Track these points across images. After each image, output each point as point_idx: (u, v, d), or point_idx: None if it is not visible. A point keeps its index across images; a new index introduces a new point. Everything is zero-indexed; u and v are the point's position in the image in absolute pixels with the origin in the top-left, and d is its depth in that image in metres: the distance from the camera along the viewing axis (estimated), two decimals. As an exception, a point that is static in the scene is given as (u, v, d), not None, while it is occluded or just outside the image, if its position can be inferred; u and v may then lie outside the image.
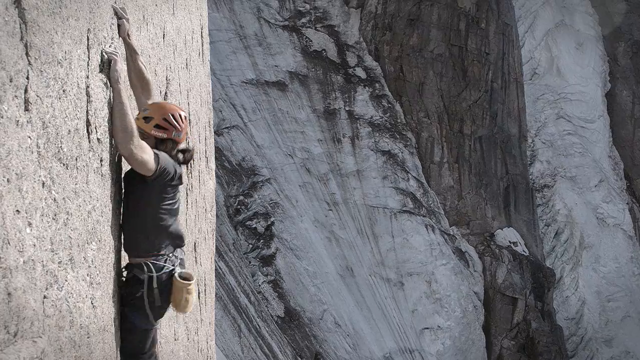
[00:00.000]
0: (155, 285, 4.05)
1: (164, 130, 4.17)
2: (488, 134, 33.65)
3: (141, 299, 3.99)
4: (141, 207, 4.03)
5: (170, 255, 4.19)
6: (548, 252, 36.62)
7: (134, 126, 3.75)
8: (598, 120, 42.16)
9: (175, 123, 4.22)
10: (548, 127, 40.32)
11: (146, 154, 3.85)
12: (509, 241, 31.90)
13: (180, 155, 4.34)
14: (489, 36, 34.67)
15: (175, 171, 4.17)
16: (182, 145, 4.39)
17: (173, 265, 4.19)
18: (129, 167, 4.02)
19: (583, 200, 38.44)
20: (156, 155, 3.97)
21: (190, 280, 4.23)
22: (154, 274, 4.05)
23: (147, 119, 4.16)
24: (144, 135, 4.04)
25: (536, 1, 44.00)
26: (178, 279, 4.19)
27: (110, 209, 3.65)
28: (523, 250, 32.08)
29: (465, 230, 31.32)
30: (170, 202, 4.16)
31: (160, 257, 4.11)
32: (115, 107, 3.72)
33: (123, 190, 4.05)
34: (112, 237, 3.65)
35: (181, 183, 4.31)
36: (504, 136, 34.52)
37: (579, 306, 35.80)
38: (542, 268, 32.18)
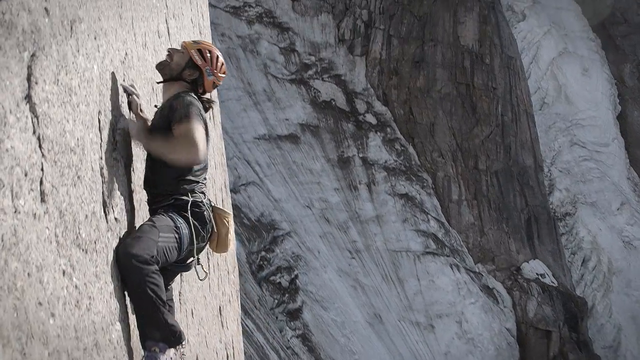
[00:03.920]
0: (201, 207, 4.07)
1: (200, 61, 4.26)
2: (504, 168, 33.54)
3: (187, 218, 3.96)
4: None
5: (205, 190, 4.25)
6: (577, 280, 36.04)
7: (173, 144, 3.85)
8: (612, 143, 41.96)
9: (209, 58, 4.28)
10: (563, 155, 40.14)
11: (196, 141, 3.86)
12: (536, 273, 31.46)
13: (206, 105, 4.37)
14: (494, 71, 34.87)
15: (202, 112, 4.18)
16: (208, 95, 4.43)
17: (209, 199, 4.26)
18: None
19: (607, 225, 37.98)
20: (196, 120, 3.96)
21: (228, 213, 4.30)
22: (196, 198, 4.08)
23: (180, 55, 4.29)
24: (177, 77, 4.21)
25: (537, 32, 44.36)
26: (219, 209, 4.29)
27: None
28: (551, 282, 31.61)
29: (490, 266, 30.97)
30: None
31: (201, 190, 4.18)
32: (154, 150, 3.89)
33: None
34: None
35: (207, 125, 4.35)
36: (520, 168, 34.38)
37: (615, 333, 35.03)
38: (573, 298, 31.64)
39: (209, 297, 6.01)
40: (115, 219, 3.52)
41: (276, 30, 32.73)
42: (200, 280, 4.30)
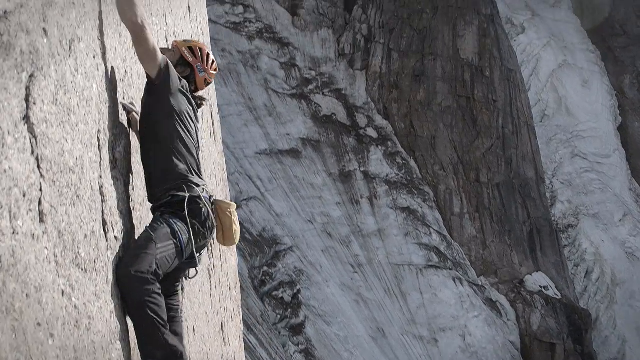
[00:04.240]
0: (198, 202, 3.95)
1: (191, 58, 4.26)
2: (505, 180, 33.52)
3: (185, 217, 3.86)
4: (162, 134, 3.97)
5: (203, 183, 4.13)
6: (580, 292, 35.90)
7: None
8: (614, 154, 41.97)
9: (200, 55, 4.29)
10: (564, 167, 40.14)
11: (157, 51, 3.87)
12: (540, 286, 31.33)
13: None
14: (494, 83, 34.93)
15: (182, 85, 4.10)
16: (199, 93, 4.41)
17: (209, 193, 4.13)
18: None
19: (609, 237, 37.88)
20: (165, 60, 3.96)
21: (230, 204, 4.19)
22: (193, 193, 3.96)
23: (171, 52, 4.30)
24: None
25: (537, 44, 44.54)
26: (220, 201, 4.17)
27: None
28: (555, 294, 31.47)
29: (493, 279, 30.86)
30: (187, 129, 4.08)
31: (197, 182, 4.05)
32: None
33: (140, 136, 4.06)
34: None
35: (197, 118, 4.25)
36: (522, 180, 34.36)
37: (620, 345, 34.83)
38: (576, 310, 31.49)
39: (210, 314, 5.99)
40: (115, 237, 3.51)
41: (276, 45, 32.86)
42: (189, 278, 4.24)
